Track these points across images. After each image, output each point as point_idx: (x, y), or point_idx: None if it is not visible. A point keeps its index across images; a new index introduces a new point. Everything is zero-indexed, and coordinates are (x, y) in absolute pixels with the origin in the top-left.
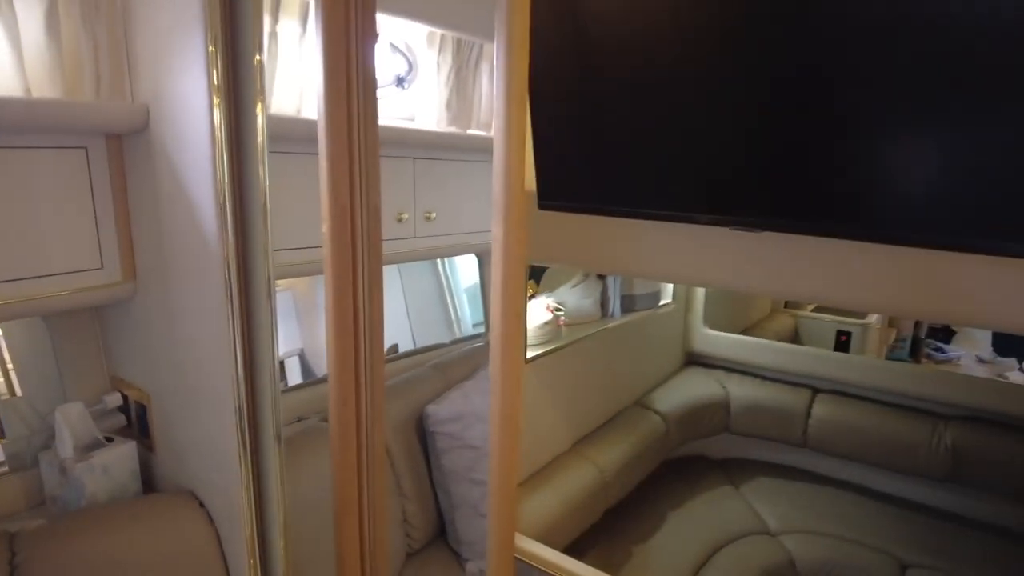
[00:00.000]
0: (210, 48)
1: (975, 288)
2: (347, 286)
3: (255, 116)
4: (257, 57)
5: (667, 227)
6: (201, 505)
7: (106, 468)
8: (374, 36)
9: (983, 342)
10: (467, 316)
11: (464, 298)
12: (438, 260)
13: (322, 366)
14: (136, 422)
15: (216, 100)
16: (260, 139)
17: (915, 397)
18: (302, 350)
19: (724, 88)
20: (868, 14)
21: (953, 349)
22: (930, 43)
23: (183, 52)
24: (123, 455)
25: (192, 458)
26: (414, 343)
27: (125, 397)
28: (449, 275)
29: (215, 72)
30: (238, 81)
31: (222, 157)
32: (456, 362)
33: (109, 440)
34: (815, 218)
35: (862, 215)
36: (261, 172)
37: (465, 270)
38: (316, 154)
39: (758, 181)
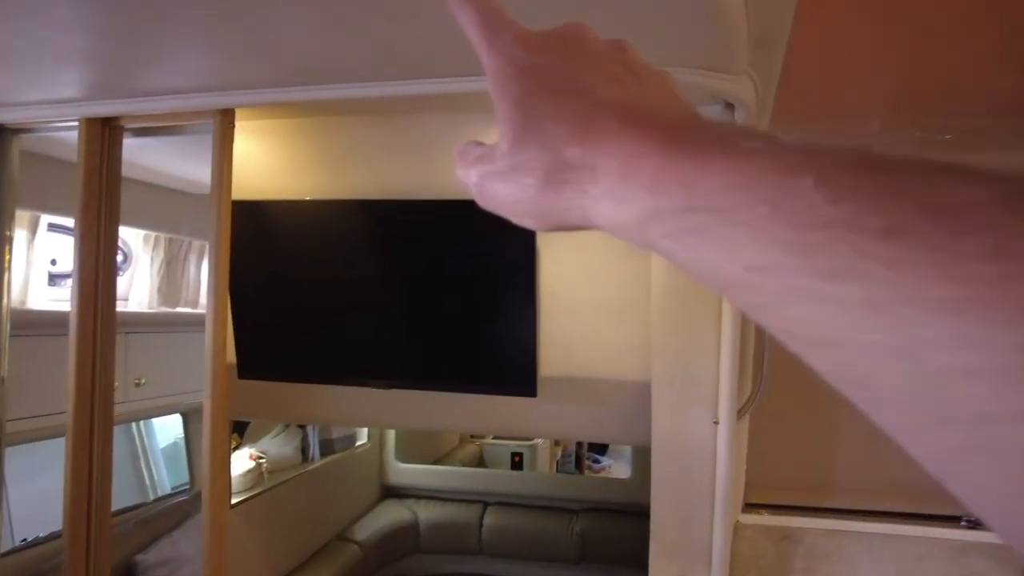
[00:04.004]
0: None
1: (477, 411)
2: (84, 446)
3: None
4: (6, 277)
5: (335, 388)
6: None
7: None
8: (116, 248)
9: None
10: (164, 475)
11: (160, 458)
12: (132, 424)
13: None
14: None
15: None
16: (4, 328)
17: (560, 499)
18: None
19: (361, 310)
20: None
21: (605, 459)
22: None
23: None
24: None
25: None
26: None
27: None
28: (145, 438)
29: None
30: None
31: None
32: (160, 515)
33: None
34: (412, 380)
35: (431, 377)
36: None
37: (164, 432)
38: (44, 335)
39: (385, 361)
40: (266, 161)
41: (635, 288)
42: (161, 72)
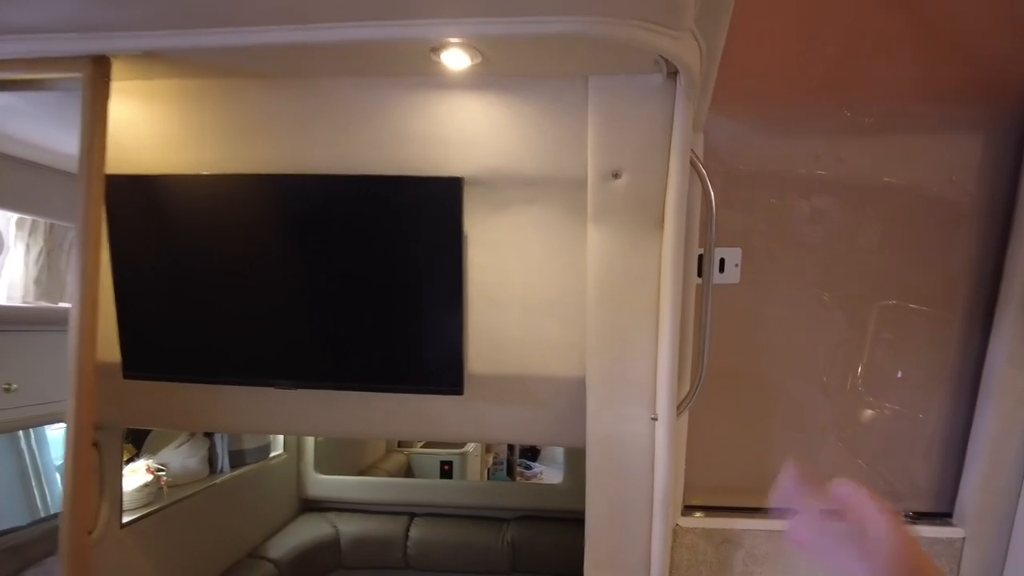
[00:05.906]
0: None
1: (399, 413)
2: None
3: None
4: None
5: (239, 390)
6: None
7: None
8: None
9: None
10: (57, 493)
11: (55, 476)
12: (20, 436)
13: None
14: None
15: None
16: None
17: (490, 507)
18: None
19: (265, 299)
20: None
21: (537, 465)
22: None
23: None
24: None
25: None
26: None
27: None
28: (36, 452)
29: None
30: None
31: None
32: (36, 540)
33: None
34: (324, 379)
35: (345, 375)
36: None
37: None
38: None
39: (293, 358)
40: (155, 130)
41: (570, 280)
42: (12, 4)
